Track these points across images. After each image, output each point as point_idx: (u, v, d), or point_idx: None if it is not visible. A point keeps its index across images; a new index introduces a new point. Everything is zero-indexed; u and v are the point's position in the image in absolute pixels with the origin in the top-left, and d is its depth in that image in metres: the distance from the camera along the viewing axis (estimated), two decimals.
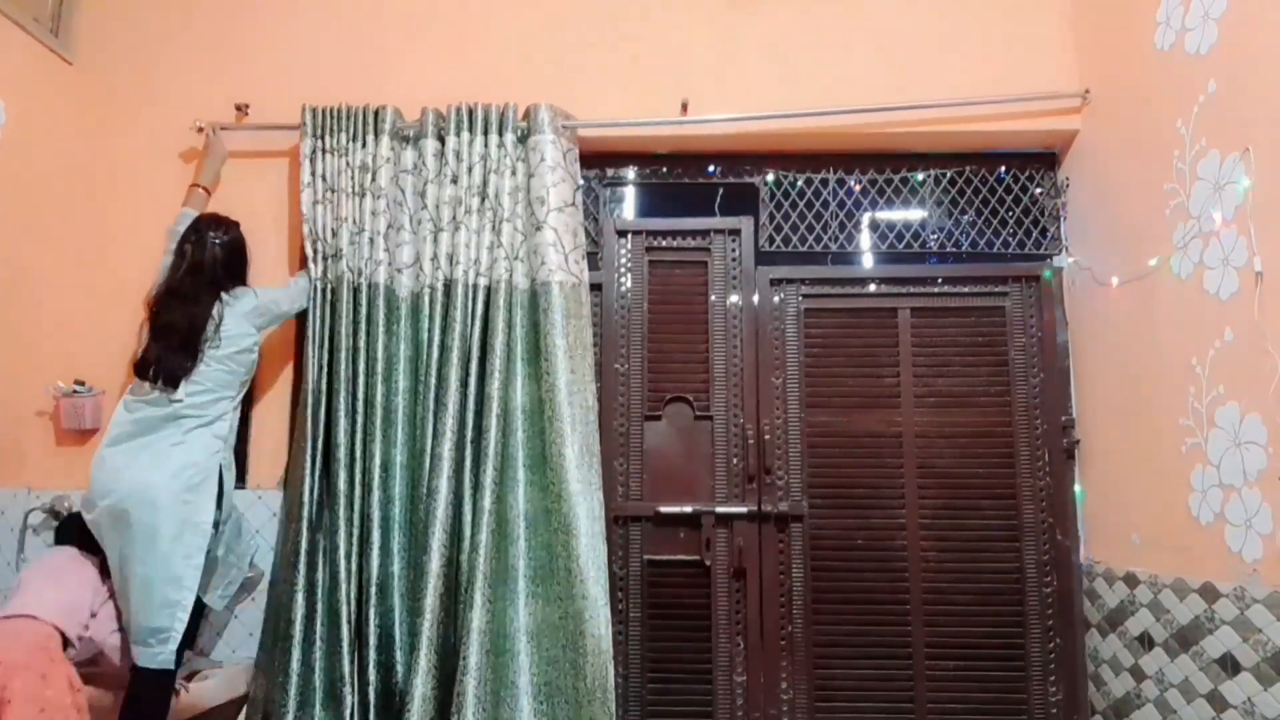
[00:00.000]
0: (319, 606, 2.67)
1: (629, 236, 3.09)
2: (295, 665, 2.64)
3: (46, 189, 2.97)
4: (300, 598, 2.68)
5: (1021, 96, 2.95)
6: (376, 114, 2.91)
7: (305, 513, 2.70)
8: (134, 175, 3.07)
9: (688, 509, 2.91)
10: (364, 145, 2.90)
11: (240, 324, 2.59)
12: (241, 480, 2.88)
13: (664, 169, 3.18)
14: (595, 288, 3.01)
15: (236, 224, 2.76)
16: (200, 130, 2.99)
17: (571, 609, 2.64)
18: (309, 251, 2.86)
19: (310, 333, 2.81)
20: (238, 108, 3.04)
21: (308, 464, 2.73)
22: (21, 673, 2.03)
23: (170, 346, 2.47)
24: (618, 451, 2.95)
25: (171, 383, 2.45)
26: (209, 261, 2.62)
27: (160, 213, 3.03)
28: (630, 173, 3.19)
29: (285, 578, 2.71)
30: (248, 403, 2.88)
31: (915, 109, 2.97)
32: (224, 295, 2.60)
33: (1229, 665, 2.15)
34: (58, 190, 3.01)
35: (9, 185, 2.83)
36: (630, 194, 3.24)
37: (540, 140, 2.88)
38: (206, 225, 2.69)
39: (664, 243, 3.10)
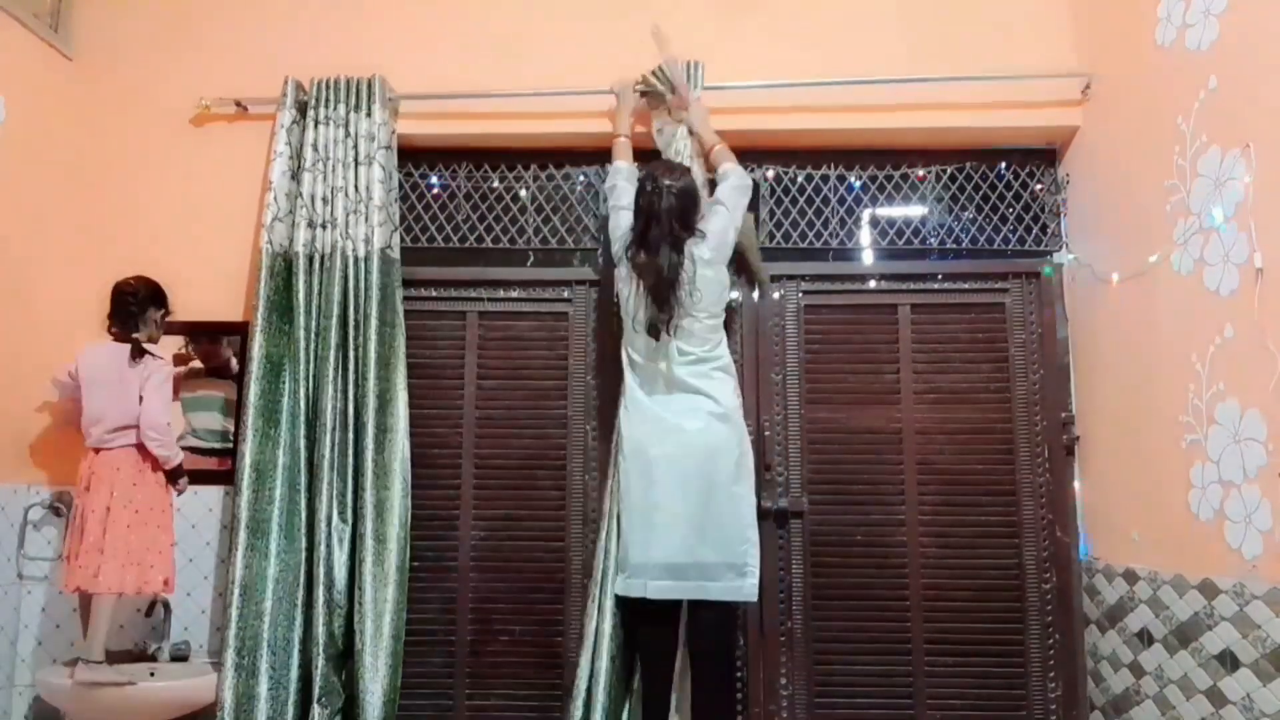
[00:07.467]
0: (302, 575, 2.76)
1: None
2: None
3: (47, 184, 2.97)
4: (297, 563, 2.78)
5: (1021, 92, 2.94)
6: (379, 83, 2.95)
7: (300, 479, 2.79)
8: (134, 170, 3.07)
9: None
10: (369, 114, 2.92)
11: (706, 268, 2.57)
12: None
13: None
14: (595, 284, 3.01)
15: (688, 170, 2.72)
16: (206, 107, 3.03)
17: None
18: (267, 219, 2.85)
19: (298, 301, 2.83)
20: (237, 103, 3.04)
21: (301, 425, 2.81)
22: None
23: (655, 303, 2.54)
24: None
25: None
26: (665, 210, 2.55)
27: (160, 208, 3.04)
28: None
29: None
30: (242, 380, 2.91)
31: (915, 81, 2.94)
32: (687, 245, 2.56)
33: (1228, 661, 2.15)
34: (58, 186, 3.01)
35: (9, 181, 2.83)
36: None
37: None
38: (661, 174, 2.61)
39: None
